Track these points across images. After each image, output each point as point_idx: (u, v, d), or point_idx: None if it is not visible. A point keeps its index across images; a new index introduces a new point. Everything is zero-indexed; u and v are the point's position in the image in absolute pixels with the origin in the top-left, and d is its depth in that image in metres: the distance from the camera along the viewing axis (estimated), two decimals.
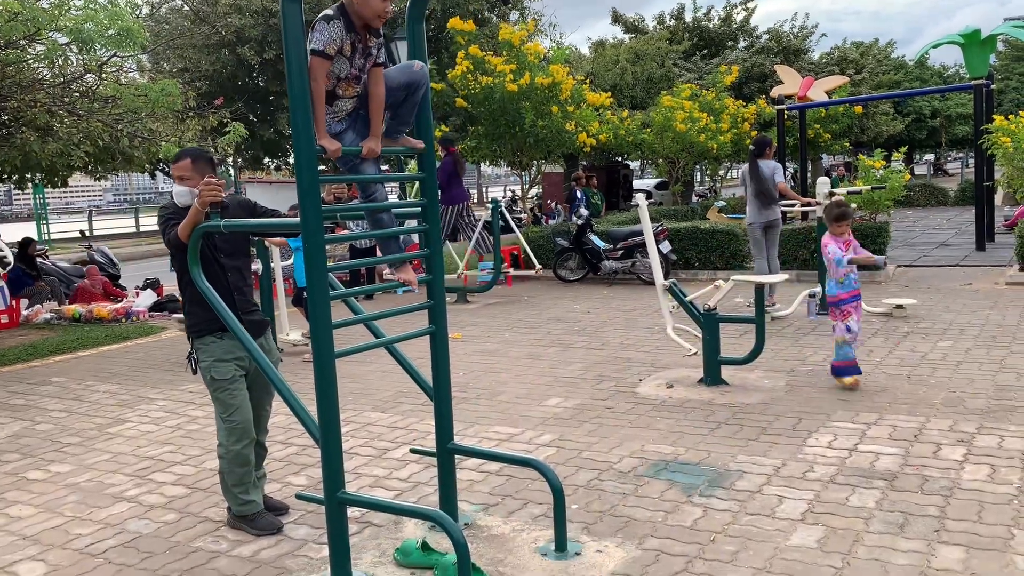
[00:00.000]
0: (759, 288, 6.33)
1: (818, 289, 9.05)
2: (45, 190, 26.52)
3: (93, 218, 36.43)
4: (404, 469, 4.86)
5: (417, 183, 4.30)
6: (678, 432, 5.26)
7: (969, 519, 3.78)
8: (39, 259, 13.65)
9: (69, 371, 8.21)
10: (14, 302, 11.72)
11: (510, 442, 5.24)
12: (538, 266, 12.61)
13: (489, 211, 10.85)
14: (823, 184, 9.22)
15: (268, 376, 3.53)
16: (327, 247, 3.22)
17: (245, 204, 4.12)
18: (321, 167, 3.22)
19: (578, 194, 17.29)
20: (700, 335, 6.43)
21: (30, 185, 12.77)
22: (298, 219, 3.13)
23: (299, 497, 3.72)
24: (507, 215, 12.19)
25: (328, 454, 3.25)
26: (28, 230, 29.79)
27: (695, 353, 6.57)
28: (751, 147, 9.50)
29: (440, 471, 3.85)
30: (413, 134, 3.61)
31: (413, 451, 4.39)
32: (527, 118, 13.76)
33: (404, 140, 3.55)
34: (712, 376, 6.32)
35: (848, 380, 6.03)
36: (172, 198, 4.01)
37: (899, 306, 8.64)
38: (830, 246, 6.15)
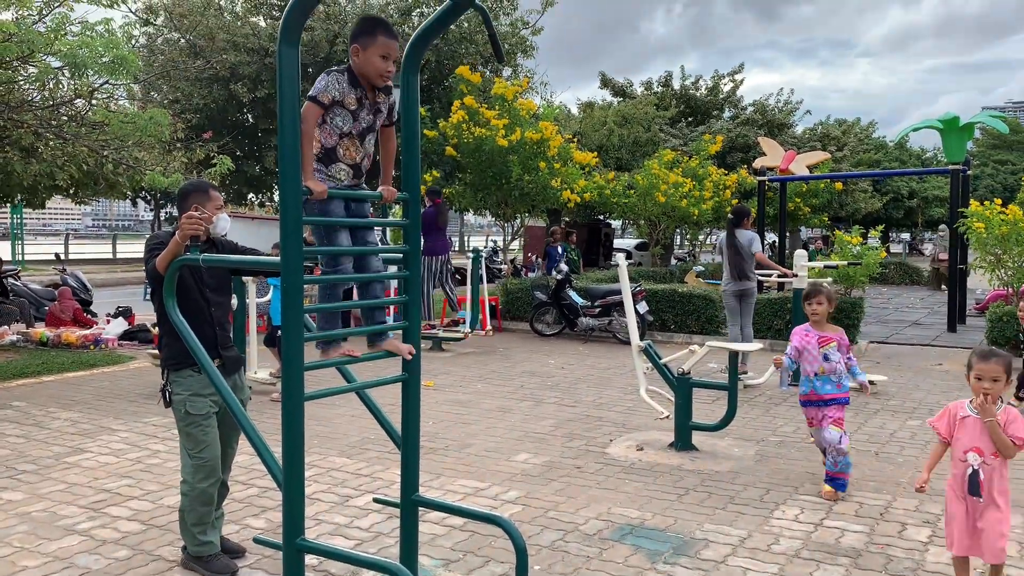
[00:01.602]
0: (733, 355, 6.35)
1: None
2: (24, 210, 26.30)
3: (70, 241, 36.12)
4: (366, 518, 4.77)
5: (400, 229, 4.30)
6: (646, 496, 5.22)
7: None
8: (11, 280, 13.47)
9: (31, 396, 8.04)
10: None
11: (476, 496, 5.17)
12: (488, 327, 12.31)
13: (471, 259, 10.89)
14: (800, 256, 9.34)
15: (235, 415, 3.46)
16: (304, 287, 3.20)
17: (227, 244, 4.12)
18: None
19: (558, 249, 17.39)
20: (673, 399, 6.42)
21: (7, 205, 12.68)
22: (278, 258, 3.11)
23: (257, 541, 3.62)
24: (482, 266, 12.22)
25: (290, 499, 3.18)
26: (3, 249, 29.48)
27: (667, 416, 6.55)
28: (730, 216, 9.63)
29: (403, 523, 3.77)
30: (400, 181, 3.63)
31: (376, 500, 4.30)
32: (514, 172, 13.89)
33: (386, 191, 3.56)
34: (683, 441, 6.30)
35: (834, 493, 5.22)
36: (156, 228, 3.99)
37: (870, 382, 8.70)
38: (795, 337, 5.42)
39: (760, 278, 10.58)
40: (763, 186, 17.13)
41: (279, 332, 7.00)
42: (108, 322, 12.19)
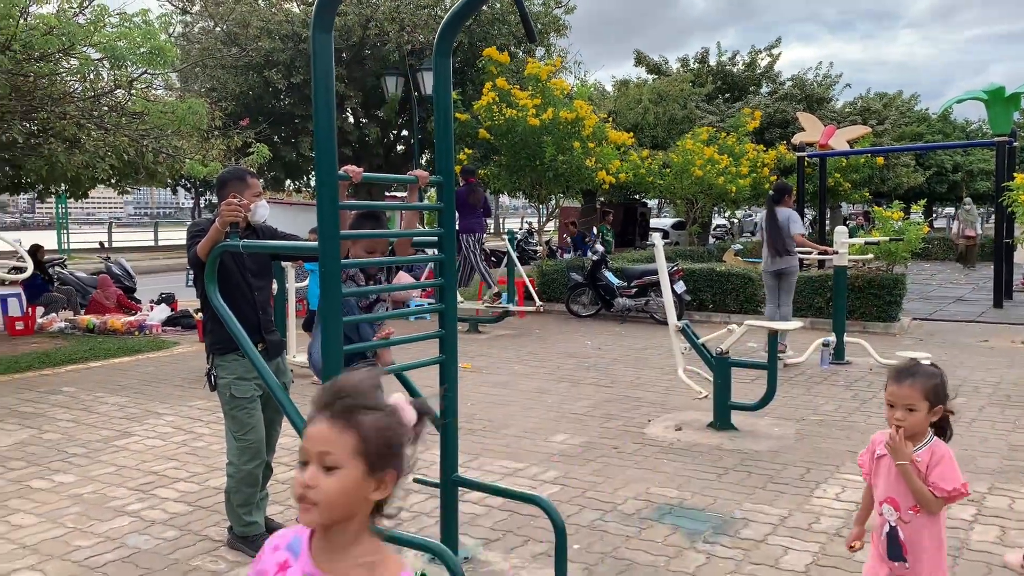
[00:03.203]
0: (772, 334, 6.30)
1: (832, 338, 9.01)
2: (68, 201, 26.83)
3: (113, 230, 36.82)
4: (406, 498, 4.83)
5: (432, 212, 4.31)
6: (685, 476, 5.21)
7: None
8: (57, 268, 13.79)
9: (80, 381, 8.25)
10: (30, 309, 11.82)
11: (514, 477, 5.21)
12: (538, 303, 12.47)
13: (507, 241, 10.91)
14: (841, 233, 9.21)
15: (277, 397, 3.53)
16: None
17: (267, 229, 4.17)
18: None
19: (594, 230, 17.34)
20: (711, 378, 6.39)
21: (52, 195, 12.97)
22: (315, 243, 3.15)
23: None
24: (510, 248, 12.23)
25: None
26: (49, 239, 30.15)
27: (705, 396, 6.53)
28: (770, 193, 9.51)
29: (442, 503, 3.82)
30: (432, 164, 3.65)
31: (416, 480, 4.36)
32: (548, 152, 13.84)
33: (420, 174, 3.58)
34: (721, 421, 6.27)
35: None
36: (196, 215, 4.06)
37: (913, 360, 8.56)
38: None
39: (801, 256, 10.45)
40: (802, 162, 16.87)
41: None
42: (152, 308, 12.43)
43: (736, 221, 30.41)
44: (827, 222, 18.82)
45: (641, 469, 5.35)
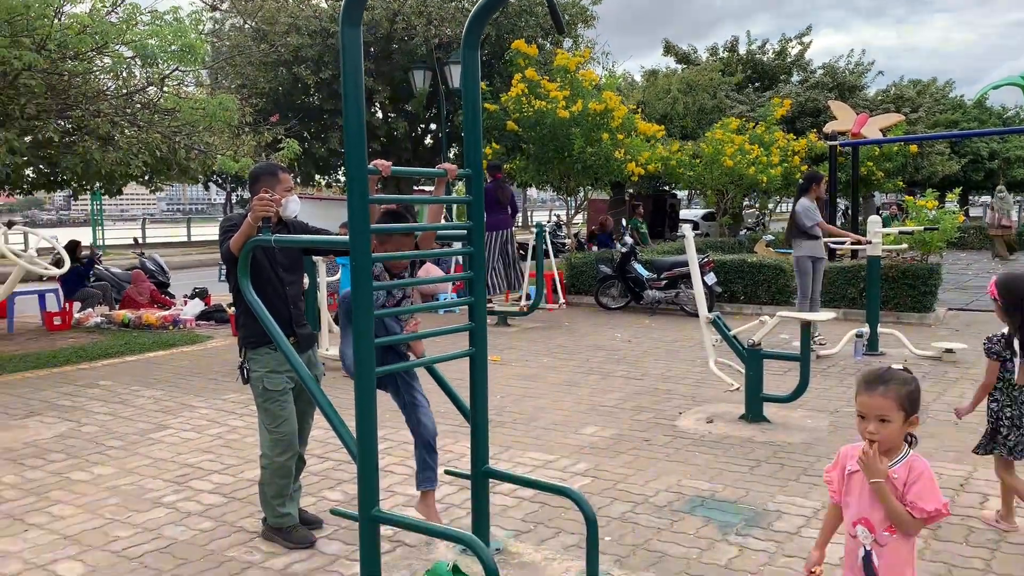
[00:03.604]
0: (805, 325, 6.23)
1: (866, 329, 8.91)
2: (102, 198, 27.26)
3: (147, 226, 37.33)
4: (438, 490, 4.85)
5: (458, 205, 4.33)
6: (717, 468, 5.18)
7: (1016, 573, 3.65)
8: (96, 265, 14.03)
9: (116, 375, 8.39)
10: (67, 304, 12.04)
11: (545, 469, 5.21)
12: (562, 301, 12.41)
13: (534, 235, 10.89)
14: (874, 223, 9.08)
15: (310, 390, 3.56)
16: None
17: (298, 224, 4.21)
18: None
19: (623, 222, 17.27)
20: (743, 370, 6.35)
21: (91, 192, 13.18)
22: (347, 238, 3.17)
23: (333, 512, 3.73)
24: (547, 240, 12.19)
25: (364, 472, 3.26)
26: (84, 235, 30.64)
27: (737, 388, 6.49)
28: (800, 181, 9.41)
29: (474, 494, 3.83)
30: (461, 158, 3.66)
31: (448, 472, 4.38)
32: (576, 144, 13.79)
33: (448, 167, 3.58)
34: (754, 413, 6.23)
35: None
36: (230, 211, 4.11)
37: (948, 350, 8.44)
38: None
39: (833, 246, 10.32)
40: (834, 151, 16.63)
41: None
42: (185, 303, 12.59)
43: (767, 211, 30.02)
44: (860, 211, 18.56)
45: (672, 461, 5.33)
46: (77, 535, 4.25)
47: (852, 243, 9.94)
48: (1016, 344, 3.95)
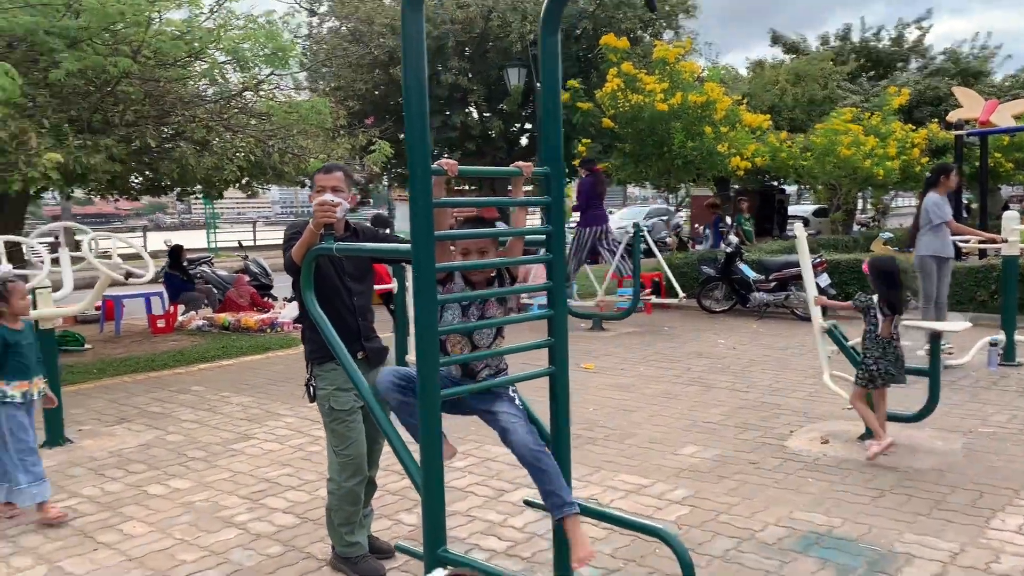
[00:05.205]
0: (935, 336, 5.56)
1: (1001, 336, 8.05)
2: (212, 202, 28.17)
3: (258, 228, 38.51)
4: (520, 516, 4.48)
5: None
6: (833, 498, 4.62)
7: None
8: (204, 267, 14.33)
9: (210, 380, 8.38)
10: (172, 307, 12.29)
11: (638, 495, 4.76)
12: (681, 294, 11.85)
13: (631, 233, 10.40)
14: (1011, 219, 8.20)
15: (373, 412, 3.24)
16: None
17: (367, 231, 3.91)
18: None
19: (727, 220, 16.50)
20: None
21: (200, 196, 13.44)
22: (409, 246, 2.83)
23: (399, 549, 3.42)
24: (649, 239, 11.63)
25: (430, 507, 2.92)
26: (199, 238, 31.81)
27: None
28: (927, 175, 8.61)
29: (555, 530, 3.44)
30: (540, 157, 3.27)
31: (527, 503, 4.00)
32: (676, 139, 13.20)
33: (524, 166, 3.18)
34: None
35: None
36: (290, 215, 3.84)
37: None
38: None
39: (959, 244, 9.44)
40: (960, 141, 15.41)
41: None
42: (284, 306, 12.67)
43: (885, 206, 28.36)
44: (987, 206, 17.17)
45: (782, 488, 4.79)
46: (143, 556, 4.08)
47: (979, 242, 9.05)
48: (881, 306, 5.29)
